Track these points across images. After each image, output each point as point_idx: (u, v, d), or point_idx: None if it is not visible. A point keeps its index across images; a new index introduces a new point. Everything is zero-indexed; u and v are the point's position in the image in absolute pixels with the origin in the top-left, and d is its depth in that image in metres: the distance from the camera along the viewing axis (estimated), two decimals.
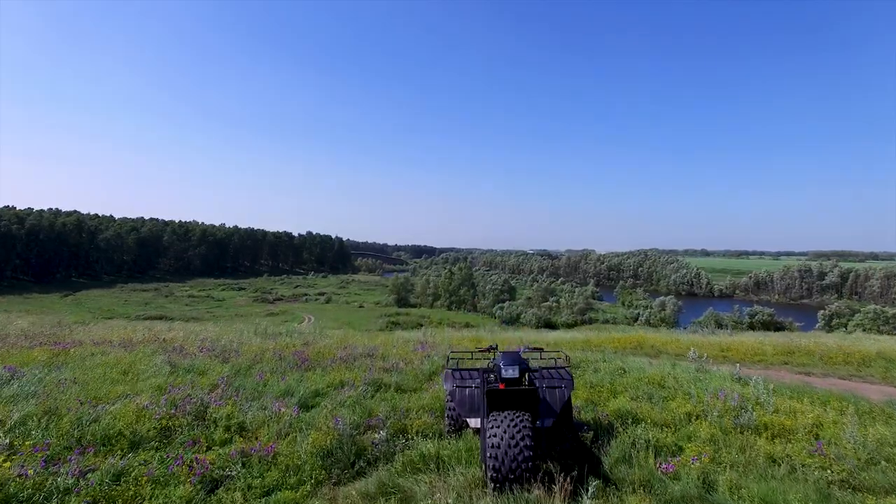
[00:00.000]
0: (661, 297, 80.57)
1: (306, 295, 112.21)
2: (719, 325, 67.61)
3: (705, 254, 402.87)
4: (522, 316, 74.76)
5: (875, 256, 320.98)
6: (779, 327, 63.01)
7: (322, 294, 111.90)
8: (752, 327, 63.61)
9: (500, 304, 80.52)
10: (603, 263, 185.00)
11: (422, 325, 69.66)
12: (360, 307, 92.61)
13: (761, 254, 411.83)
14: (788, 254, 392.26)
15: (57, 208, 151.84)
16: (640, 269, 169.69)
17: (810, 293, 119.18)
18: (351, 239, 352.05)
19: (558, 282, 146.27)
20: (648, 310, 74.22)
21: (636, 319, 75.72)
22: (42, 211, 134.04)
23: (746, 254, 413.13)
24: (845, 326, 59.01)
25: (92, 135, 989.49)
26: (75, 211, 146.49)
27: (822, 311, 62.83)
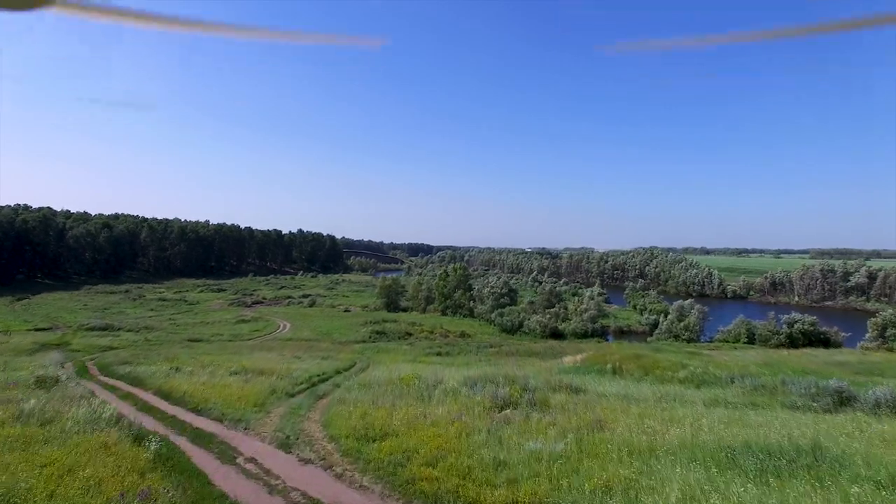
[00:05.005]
0: (680, 301, 72.11)
1: (290, 297, 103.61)
2: (751, 337, 59.52)
3: (705, 252, 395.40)
4: (525, 323, 66.32)
5: (878, 254, 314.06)
6: (823, 339, 54.89)
7: (307, 296, 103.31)
8: (791, 339, 55.42)
9: (499, 310, 72.00)
10: (607, 262, 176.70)
11: (410, 335, 61.20)
12: (346, 311, 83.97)
13: (761, 252, 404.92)
14: (789, 252, 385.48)
15: (26, 204, 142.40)
16: (646, 268, 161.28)
17: (833, 295, 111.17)
18: (346, 237, 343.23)
19: (560, 282, 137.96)
20: (668, 317, 65.74)
21: (655, 327, 67.38)
22: (1, 207, 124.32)
23: (746, 251, 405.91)
24: None
25: (87, 133, 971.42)
26: (44, 207, 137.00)
27: (872, 320, 54.53)
